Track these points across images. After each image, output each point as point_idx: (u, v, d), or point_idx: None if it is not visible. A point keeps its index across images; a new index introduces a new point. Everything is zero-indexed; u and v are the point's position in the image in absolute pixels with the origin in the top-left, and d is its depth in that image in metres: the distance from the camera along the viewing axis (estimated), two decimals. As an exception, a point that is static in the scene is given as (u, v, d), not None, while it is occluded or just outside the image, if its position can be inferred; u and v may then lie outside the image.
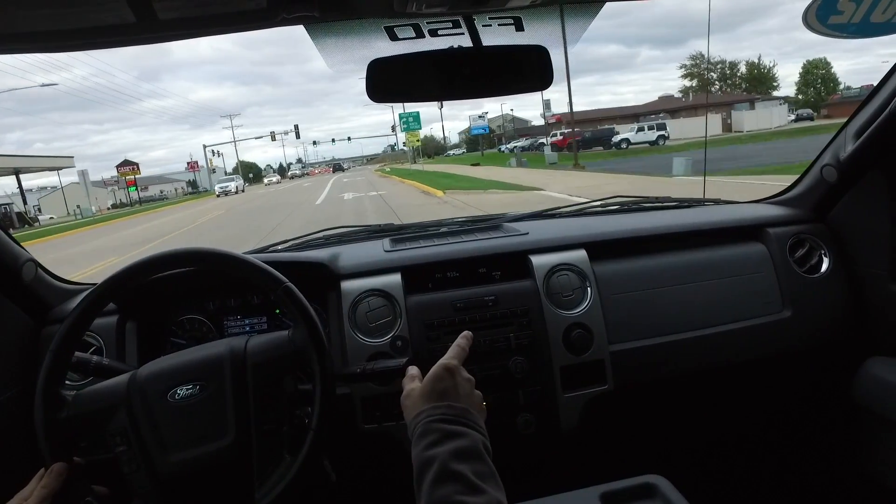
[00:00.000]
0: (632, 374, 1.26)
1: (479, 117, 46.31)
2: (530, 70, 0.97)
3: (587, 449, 1.33)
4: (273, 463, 0.85)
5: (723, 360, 1.32)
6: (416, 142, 32.13)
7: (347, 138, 66.77)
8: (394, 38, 0.91)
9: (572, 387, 1.22)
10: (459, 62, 0.94)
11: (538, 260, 1.30)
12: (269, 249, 1.44)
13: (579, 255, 1.31)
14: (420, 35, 0.92)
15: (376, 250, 1.39)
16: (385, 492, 1.28)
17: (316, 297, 1.23)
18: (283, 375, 0.90)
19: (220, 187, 37.94)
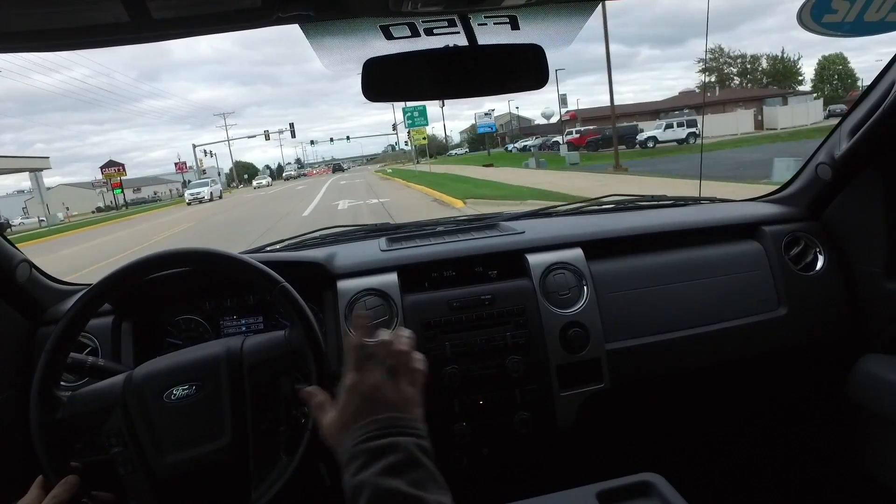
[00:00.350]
0: (628, 373, 1.26)
1: (486, 115, 42.94)
2: (526, 69, 0.96)
3: (584, 447, 1.33)
4: (270, 463, 0.85)
5: (719, 358, 1.32)
6: (423, 139, 28.93)
7: (346, 137, 65.40)
8: (389, 37, 0.91)
9: (569, 385, 1.23)
10: (455, 61, 0.94)
11: (534, 259, 1.30)
12: (265, 249, 1.44)
13: (575, 254, 1.31)
14: (416, 34, 0.92)
15: (372, 250, 1.38)
16: None
17: (312, 297, 1.23)
18: (280, 376, 0.90)
19: (190, 194, 31.53)
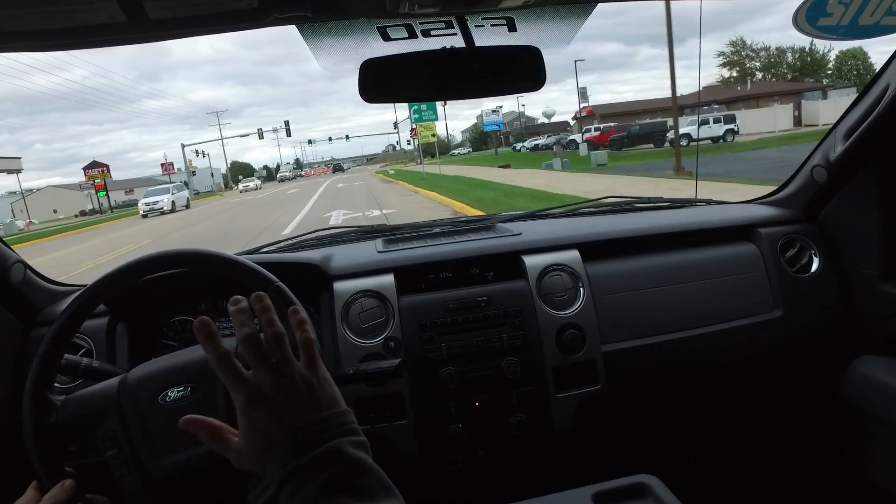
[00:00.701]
0: (624, 374, 1.26)
1: (493, 112, 39.06)
2: (523, 70, 0.97)
3: (580, 449, 1.33)
4: None
5: (714, 360, 1.32)
6: (431, 136, 25.97)
7: (345, 136, 64.77)
8: (386, 38, 0.91)
9: (565, 387, 1.23)
10: (452, 62, 0.94)
11: (531, 260, 1.30)
12: (260, 250, 1.43)
13: (572, 256, 1.32)
14: (413, 35, 0.92)
15: (369, 251, 1.38)
16: None
17: (308, 299, 1.23)
18: None
19: (146, 203, 25.01)
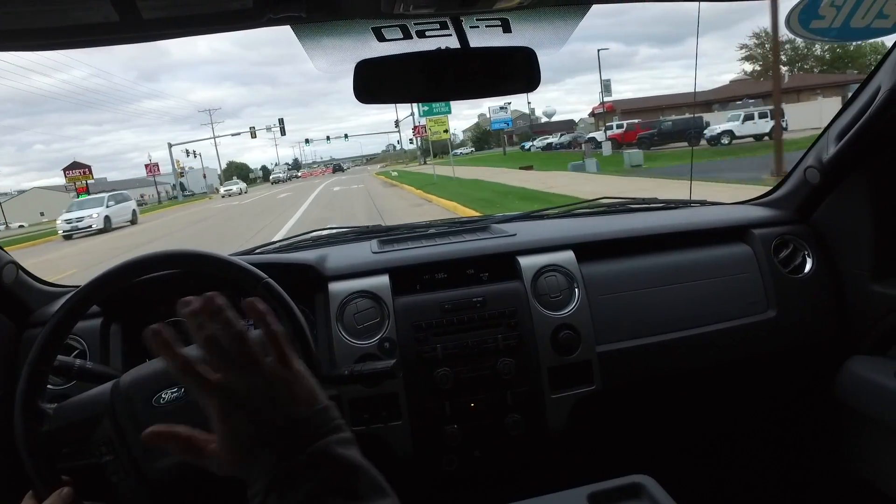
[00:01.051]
0: (619, 375, 1.26)
1: (501, 109, 34.63)
2: (517, 71, 0.97)
3: (575, 449, 1.33)
4: None
5: (709, 360, 1.33)
6: (444, 132, 22.32)
7: (344, 136, 62.68)
8: (381, 38, 0.91)
9: (560, 387, 1.23)
10: (447, 63, 0.94)
11: (526, 261, 1.30)
12: (255, 251, 1.43)
13: (567, 257, 1.32)
14: (407, 36, 0.92)
15: (364, 252, 1.38)
16: None
17: (303, 299, 1.22)
18: None
19: (66, 220, 18.64)
